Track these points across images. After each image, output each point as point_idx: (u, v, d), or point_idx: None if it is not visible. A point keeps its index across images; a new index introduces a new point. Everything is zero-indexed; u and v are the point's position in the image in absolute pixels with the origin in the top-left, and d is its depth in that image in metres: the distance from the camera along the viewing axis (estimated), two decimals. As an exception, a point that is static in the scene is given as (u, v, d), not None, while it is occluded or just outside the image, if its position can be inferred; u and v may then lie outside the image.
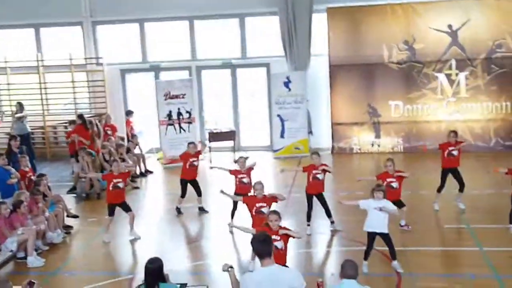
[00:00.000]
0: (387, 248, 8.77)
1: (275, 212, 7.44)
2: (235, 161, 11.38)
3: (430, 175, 13.11)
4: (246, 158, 11.48)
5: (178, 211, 12.21)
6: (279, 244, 7.23)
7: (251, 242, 5.70)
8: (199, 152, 12.38)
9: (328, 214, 10.61)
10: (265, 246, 5.52)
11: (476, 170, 13.75)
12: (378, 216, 8.52)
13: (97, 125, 15.49)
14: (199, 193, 12.17)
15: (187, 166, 12.05)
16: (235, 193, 10.61)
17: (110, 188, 10.68)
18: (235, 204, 10.78)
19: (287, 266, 6.98)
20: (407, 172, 10.42)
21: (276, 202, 9.17)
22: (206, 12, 17.63)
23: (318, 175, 10.38)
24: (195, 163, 12.08)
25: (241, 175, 10.86)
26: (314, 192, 10.49)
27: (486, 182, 13.11)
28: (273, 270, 5.50)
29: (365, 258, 8.74)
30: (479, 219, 10.91)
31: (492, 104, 16.38)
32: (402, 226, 10.48)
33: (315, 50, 17.09)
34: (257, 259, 5.71)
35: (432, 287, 8.40)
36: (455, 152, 11.14)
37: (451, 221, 11.02)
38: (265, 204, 8.89)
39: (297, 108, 16.98)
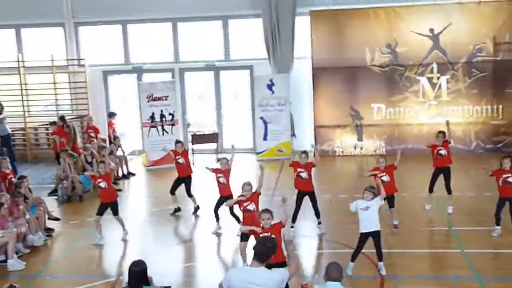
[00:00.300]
0: (372, 250, 8.78)
1: (267, 210, 7.42)
2: (218, 160, 11.47)
3: (412, 177, 13.20)
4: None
5: (175, 210, 12.26)
6: None
7: (257, 241, 5.79)
8: (184, 151, 12.44)
9: (317, 215, 10.66)
10: (267, 251, 5.57)
11: (457, 173, 13.81)
12: (367, 215, 8.55)
13: (73, 129, 15.34)
14: (188, 193, 12.24)
15: (174, 163, 12.29)
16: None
17: (97, 187, 10.85)
18: (219, 200, 10.95)
19: (284, 263, 6.95)
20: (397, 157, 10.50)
21: (260, 194, 9.35)
22: (189, 14, 17.56)
23: (301, 174, 10.49)
24: (180, 160, 12.20)
25: (219, 174, 11.04)
26: (302, 189, 10.55)
27: (467, 185, 13.26)
28: (261, 271, 5.50)
29: (353, 260, 8.73)
30: (461, 221, 11.02)
31: (472, 108, 16.57)
32: (394, 224, 10.63)
33: (298, 53, 17.14)
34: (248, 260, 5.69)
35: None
36: (442, 152, 11.37)
37: (434, 223, 11.09)
38: (250, 202, 9.09)
39: (280, 111, 17.01)
